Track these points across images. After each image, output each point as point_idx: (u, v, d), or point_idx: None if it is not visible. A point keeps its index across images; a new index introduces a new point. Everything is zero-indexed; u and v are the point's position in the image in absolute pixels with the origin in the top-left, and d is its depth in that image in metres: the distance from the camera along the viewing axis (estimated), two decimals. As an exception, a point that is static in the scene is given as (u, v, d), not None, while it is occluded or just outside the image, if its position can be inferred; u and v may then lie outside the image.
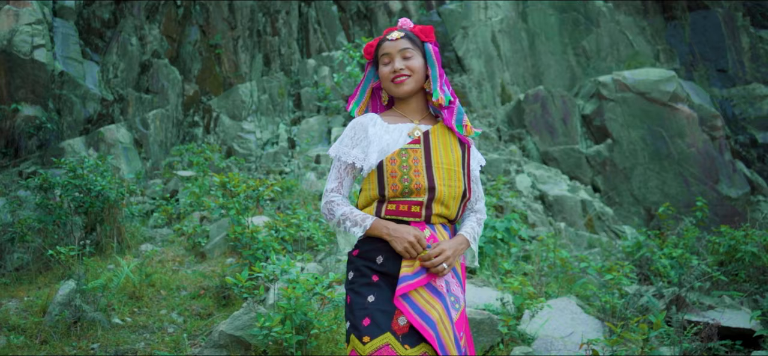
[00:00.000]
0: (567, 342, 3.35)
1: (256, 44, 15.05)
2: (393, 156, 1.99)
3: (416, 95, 2.14)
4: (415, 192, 1.97)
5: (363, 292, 1.94)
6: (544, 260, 5.16)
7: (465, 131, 2.10)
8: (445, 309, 1.91)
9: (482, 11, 15.03)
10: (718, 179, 10.50)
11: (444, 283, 1.99)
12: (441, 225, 2.04)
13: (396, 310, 1.90)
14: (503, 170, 10.66)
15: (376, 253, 1.98)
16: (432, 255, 1.91)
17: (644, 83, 11.24)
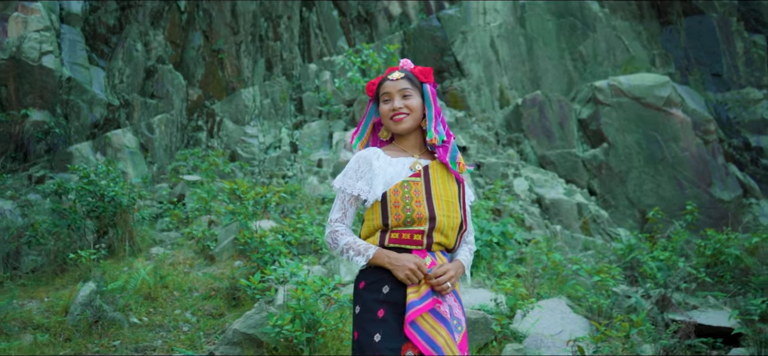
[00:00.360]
0: (556, 339, 3.62)
1: (258, 49, 15.32)
2: (396, 187, 2.15)
3: (415, 132, 2.31)
4: (416, 222, 2.13)
5: (369, 330, 2.04)
6: (538, 262, 5.42)
7: (458, 168, 2.29)
8: (449, 334, 2.04)
9: (481, 16, 15.29)
10: (712, 183, 10.77)
11: (448, 308, 2.12)
12: (441, 252, 2.21)
13: (402, 344, 2.01)
14: (501, 173, 10.93)
15: (382, 284, 2.10)
16: (438, 274, 2.08)
17: (639, 88, 11.52)
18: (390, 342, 2.00)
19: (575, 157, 11.78)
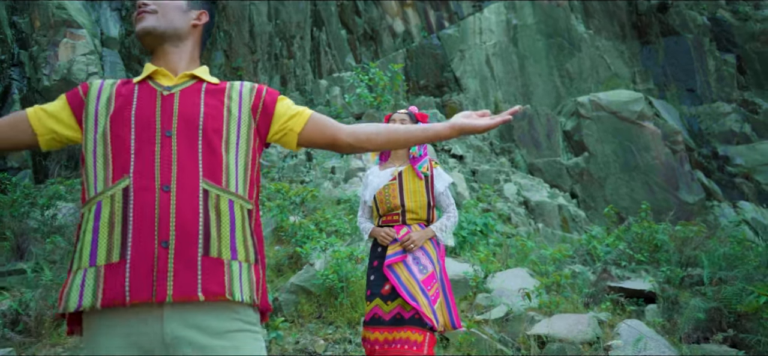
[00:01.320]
0: (514, 292, 5.23)
1: (273, 66, 17.02)
2: (380, 191, 3.48)
3: (404, 152, 3.59)
4: (394, 209, 3.44)
5: (369, 274, 3.46)
6: (514, 247, 7.06)
7: (423, 170, 3.69)
8: (411, 275, 3.30)
9: (477, 36, 16.96)
10: (678, 187, 12.38)
11: (415, 259, 3.37)
12: (417, 224, 3.45)
13: (384, 281, 3.34)
14: (493, 179, 12.56)
15: (376, 246, 3.48)
16: (404, 239, 3.54)
17: (616, 103, 13.17)
18: (378, 280, 3.42)
19: (560, 164, 13.40)
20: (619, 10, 16.15)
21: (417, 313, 3.03)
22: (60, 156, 11.94)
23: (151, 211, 1.47)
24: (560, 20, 15.96)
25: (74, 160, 12.11)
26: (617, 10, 16.14)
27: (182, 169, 1.53)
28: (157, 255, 1.44)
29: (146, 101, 1.61)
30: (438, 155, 13.80)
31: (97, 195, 1.52)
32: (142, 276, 1.43)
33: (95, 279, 1.46)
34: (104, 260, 1.47)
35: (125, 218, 1.47)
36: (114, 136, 1.55)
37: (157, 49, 1.69)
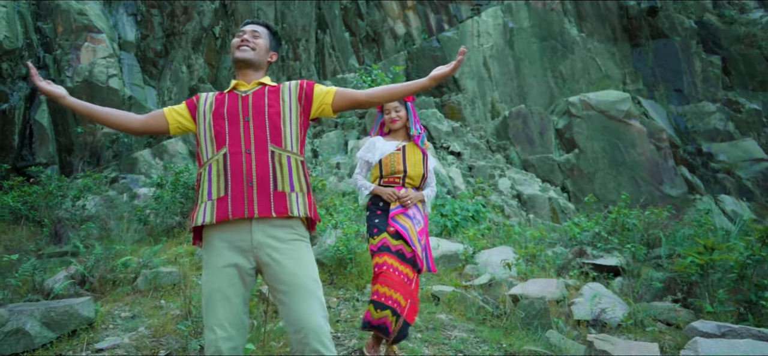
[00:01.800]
0: (497, 264, 6.16)
1: (280, 68, 17.96)
2: (387, 156, 4.31)
3: (402, 128, 4.64)
4: (396, 172, 4.27)
5: (372, 217, 4.26)
6: (502, 231, 7.99)
7: (424, 146, 4.64)
8: (411, 223, 4.42)
9: (475, 38, 17.88)
10: (662, 181, 13.30)
11: (412, 213, 4.28)
12: (411, 188, 4.34)
13: (387, 226, 4.23)
14: (489, 174, 13.49)
15: (379, 200, 4.27)
16: (402, 195, 4.43)
17: (604, 103, 14.09)
18: (383, 223, 4.29)
19: (552, 161, 14.32)
20: (611, 13, 17.06)
21: (414, 256, 3.93)
22: (83, 153, 12.89)
23: (240, 166, 2.42)
24: (554, 24, 16.88)
25: (96, 157, 13.07)
26: (609, 13, 17.05)
27: (257, 139, 2.48)
28: (246, 191, 2.39)
29: (233, 101, 2.57)
30: (437, 152, 14.72)
31: (208, 160, 2.47)
32: (238, 203, 2.38)
33: (211, 206, 2.41)
34: (216, 196, 2.42)
35: (226, 171, 2.43)
36: (215, 124, 2.51)
37: (244, 69, 2.66)
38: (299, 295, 2.39)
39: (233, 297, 2.40)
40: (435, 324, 4.61)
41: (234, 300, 2.41)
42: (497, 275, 5.78)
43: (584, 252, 7.43)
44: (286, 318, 2.41)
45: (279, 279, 2.41)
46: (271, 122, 2.53)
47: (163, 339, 4.18)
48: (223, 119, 2.52)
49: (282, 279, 2.40)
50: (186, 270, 5.84)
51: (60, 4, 13.85)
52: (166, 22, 15.75)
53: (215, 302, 2.39)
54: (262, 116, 2.53)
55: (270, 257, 2.41)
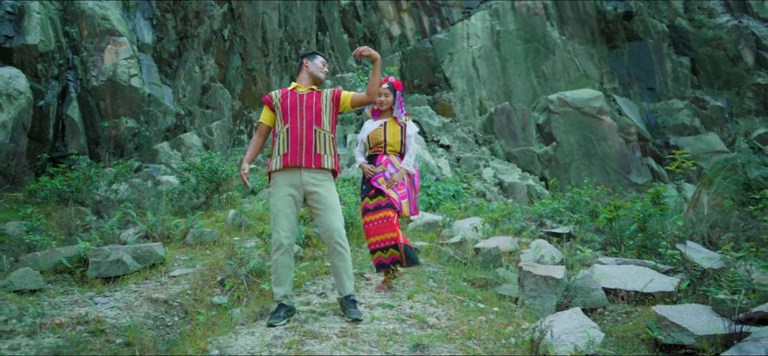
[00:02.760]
0: (468, 229, 7.86)
1: (283, 67, 19.65)
2: (372, 132, 5.99)
3: (389, 109, 6.29)
4: (379, 143, 5.88)
5: (362, 185, 6.03)
6: (476, 207, 9.70)
7: (403, 119, 6.27)
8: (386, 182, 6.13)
9: (465, 40, 19.59)
10: (630, 171, 15.03)
11: (388, 174, 5.89)
12: (393, 155, 5.95)
13: (370, 189, 5.71)
14: (474, 165, 15.20)
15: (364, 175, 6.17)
16: (391, 179, 6.11)
17: (579, 100, 15.82)
18: (367, 188, 5.83)
19: (533, 153, 16.05)
20: (590, 18, 18.78)
21: (390, 202, 5.60)
22: (108, 145, 14.56)
23: (296, 136, 4.14)
24: (537, 27, 18.60)
25: (120, 148, 14.75)
26: (588, 18, 18.77)
27: (307, 121, 4.19)
28: (299, 150, 4.11)
29: (293, 97, 4.28)
30: (429, 145, 16.44)
31: (279, 131, 4.18)
32: (294, 157, 4.10)
33: (279, 159, 4.13)
34: (282, 152, 4.13)
35: (288, 138, 4.14)
36: (283, 110, 4.22)
37: (312, 83, 4.37)
38: (329, 210, 4.12)
39: (290, 213, 4.12)
40: (414, 264, 6.34)
41: (290, 215, 4.13)
42: (466, 236, 7.51)
43: (544, 223, 9.17)
44: (320, 224, 4.14)
45: (317, 201, 4.13)
46: (316, 111, 4.25)
47: (216, 270, 5.89)
48: (287, 107, 4.23)
49: (319, 201, 4.13)
50: (222, 231, 7.56)
51: (85, 9, 15.51)
52: (179, 25, 17.42)
53: (279, 216, 4.10)
54: (311, 108, 4.25)
55: (313, 188, 4.13)
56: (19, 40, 13.75)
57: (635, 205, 6.97)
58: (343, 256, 4.18)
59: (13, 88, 12.68)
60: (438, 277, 5.89)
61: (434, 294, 5.00)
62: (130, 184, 12.64)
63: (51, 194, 10.66)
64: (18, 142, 12.54)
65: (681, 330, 3.57)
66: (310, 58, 4.51)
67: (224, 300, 5.15)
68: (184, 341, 3.64)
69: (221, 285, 5.58)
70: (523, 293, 5.22)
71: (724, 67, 17.69)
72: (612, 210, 6.59)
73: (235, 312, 4.59)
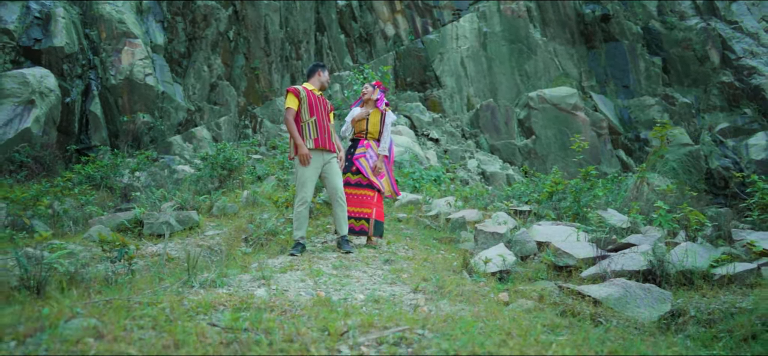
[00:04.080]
0: (444, 205, 9.63)
1: (285, 66, 21.40)
2: (355, 119, 7.87)
3: (371, 101, 8.07)
4: (361, 130, 7.65)
5: (346, 161, 7.82)
6: (453, 188, 11.48)
7: (383, 108, 8.04)
8: (368, 163, 7.80)
9: (454, 41, 21.34)
10: (601, 161, 16.81)
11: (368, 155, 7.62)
12: (372, 141, 7.81)
13: (352, 165, 7.52)
14: (460, 156, 16.97)
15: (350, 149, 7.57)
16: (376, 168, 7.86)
17: (556, 97, 17.59)
18: (349, 164, 7.54)
19: (514, 146, 17.82)
20: (570, 20, 20.56)
21: (370, 183, 7.33)
22: (127, 138, 16.29)
23: (322, 125, 5.95)
24: (521, 29, 20.37)
25: (137, 140, 16.49)
26: (568, 20, 20.54)
27: (326, 116, 6.01)
28: (324, 137, 5.92)
29: (314, 96, 6.07)
30: (419, 139, 18.21)
31: (306, 120, 5.97)
32: (323, 141, 5.90)
33: (312, 140, 5.92)
34: (313, 137, 5.92)
35: (316, 127, 5.94)
36: (309, 104, 6.01)
37: (318, 84, 6.17)
38: (335, 176, 5.93)
39: (315, 179, 5.91)
40: (397, 228, 8.13)
41: (315, 180, 5.91)
42: (441, 210, 9.30)
43: (512, 202, 10.95)
44: (329, 185, 5.94)
45: (328, 171, 5.93)
46: (326, 111, 6.04)
47: (241, 232, 7.67)
48: (312, 102, 6.00)
49: (329, 171, 5.92)
50: (240, 206, 9.34)
51: (103, 13, 17.24)
52: (188, 27, 19.14)
53: (307, 182, 5.86)
54: (326, 108, 6.04)
55: (328, 163, 5.92)
56: (46, 43, 15.49)
57: (571, 182, 8.75)
58: (342, 206, 5.98)
59: (45, 86, 14.43)
60: (413, 236, 7.68)
61: (408, 244, 6.78)
62: (150, 172, 14.39)
63: (84, 180, 12.42)
64: (49, 134, 14.28)
65: (568, 256, 5.36)
66: (323, 70, 6.27)
67: (250, 250, 6.93)
68: (230, 263, 5.41)
69: (245, 241, 7.35)
70: (476, 245, 7.01)
71: (693, 67, 19.47)
72: (552, 186, 8.37)
73: (262, 255, 6.37)
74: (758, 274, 4.56)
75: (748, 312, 3.40)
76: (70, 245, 5.76)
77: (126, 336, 1.83)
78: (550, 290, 4.19)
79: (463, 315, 2.84)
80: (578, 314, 3.59)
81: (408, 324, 2.24)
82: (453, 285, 3.98)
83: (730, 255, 4.91)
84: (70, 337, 1.76)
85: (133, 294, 2.80)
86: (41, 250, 4.33)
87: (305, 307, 2.55)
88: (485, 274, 4.91)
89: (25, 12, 15.74)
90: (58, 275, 3.92)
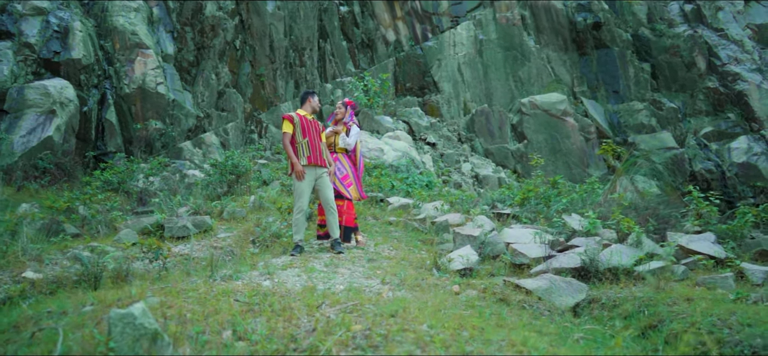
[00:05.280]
0: (432, 208, 10.74)
1: (289, 73, 22.55)
2: (328, 134, 8.86)
3: (342, 119, 9.20)
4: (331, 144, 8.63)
5: None
6: (443, 193, 12.61)
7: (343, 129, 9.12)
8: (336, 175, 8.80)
9: (452, 48, 22.44)
10: (588, 165, 17.89)
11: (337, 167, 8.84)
12: (341, 154, 8.78)
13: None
14: (455, 160, 18.09)
15: None
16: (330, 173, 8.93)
17: (547, 103, 18.67)
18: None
19: (507, 149, 18.92)
20: (563, 28, 21.62)
21: (340, 193, 8.42)
22: (140, 144, 17.48)
23: (314, 145, 7.10)
24: (515, 36, 21.46)
25: (149, 146, 17.68)
26: (561, 28, 21.61)
27: (316, 136, 7.16)
28: (316, 155, 7.07)
29: (306, 120, 7.24)
30: (416, 143, 19.32)
31: (300, 141, 7.13)
32: (315, 158, 7.06)
33: (306, 158, 7.07)
34: (306, 154, 7.09)
35: (309, 146, 7.10)
36: (302, 128, 7.17)
37: (309, 109, 7.33)
38: (327, 188, 7.06)
39: (309, 192, 7.05)
40: (386, 230, 9.27)
41: (309, 193, 7.05)
42: (429, 213, 10.43)
43: (495, 205, 12.07)
44: (321, 197, 7.10)
45: (320, 184, 7.06)
46: (318, 132, 7.18)
47: (248, 234, 8.83)
48: (304, 126, 7.14)
49: (321, 183, 7.06)
50: (247, 211, 10.50)
51: (116, 25, 18.42)
52: (197, 37, 20.31)
53: (303, 194, 7.00)
54: (316, 130, 7.18)
55: (319, 177, 7.05)
56: (65, 55, 16.70)
57: (539, 189, 9.87)
58: (333, 214, 7.12)
59: (65, 96, 15.64)
60: (400, 238, 8.82)
61: (393, 245, 7.92)
62: (162, 177, 15.56)
63: (103, 185, 13.61)
64: (69, 142, 15.49)
65: (523, 255, 6.48)
66: (313, 97, 7.42)
67: (257, 250, 8.08)
68: (241, 262, 6.57)
69: (253, 243, 8.51)
70: (454, 246, 8.14)
71: (680, 73, 20.50)
72: (524, 192, 9.50)
73: (267, 255, 7.53)
74: (672, 271, 5.67)
75: (638, 299, 4.52)
76: (106, 247, 6.92)
77: (181, 306, 2.94)
78: (496, 283, 5.32)
79: (412, 298, 3.97)
80: (511, 301, 4.72)
81: (363, 302, 3.35)
82: (413, 278, 5.11)
83: (650, 255, 6.03)
84: (153, 305, 2.88)
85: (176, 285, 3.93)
86: (91, 252, 5.50)
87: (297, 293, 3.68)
88: (450, 271, 6.05)
89: (45, 26, 16.95)
90: (107, 271, 5.07)
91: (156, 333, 2.34)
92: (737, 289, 4.63)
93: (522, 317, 4.19)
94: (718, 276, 5.14)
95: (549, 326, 4.04)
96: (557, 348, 2.91)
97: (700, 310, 3.71)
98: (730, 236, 8.32)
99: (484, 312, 4.08)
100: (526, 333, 3.15)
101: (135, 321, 2.32)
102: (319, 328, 2.80)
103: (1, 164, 13.99)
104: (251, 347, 2.56)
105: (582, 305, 4.91)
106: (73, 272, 5.07)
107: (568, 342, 3.29)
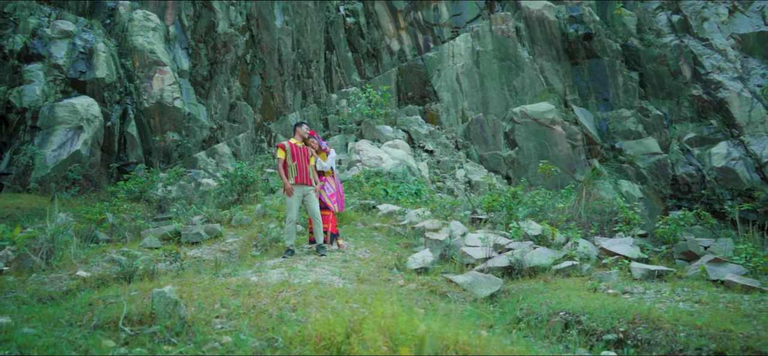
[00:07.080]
0: (415, 215, 12.35)
1: (297, 85, 24.30)
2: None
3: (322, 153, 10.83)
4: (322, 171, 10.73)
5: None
6: (429, 200, 14.24)
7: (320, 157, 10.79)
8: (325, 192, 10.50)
9: (450, 58, 24.03)
10: (575, 170, 19.38)
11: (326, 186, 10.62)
12: (328, 176, 10.51)
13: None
14: (450, 167, 19.69)
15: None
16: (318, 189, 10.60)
17: (537, 112, 20.18)
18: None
19: (500, 156, 20.48)
20: (556, 39, 23.11)
21: (327, 206, 10.09)
22: (158, 155, 19.31)
23: (301, 167, 8.82)
24: (510, 48, 22.99)
25: (167, 157, 19.51)
26: (554, 39, 23.09)
27: (304, 160, 8.88)
28: (303, 176, 8.79)
29: (296, 148, 8.97)
30: (415, 150, 20.93)
31: (290, 164, 8.85)
32: (302, 178, 8.77)
33: (294, 178, 8.79)
34: (294, 175, 8.80)
35: (297, 169, 8.82)
36: (292, 154, 8.89)
37: (299, 138, 9.06)
38: (313, 202, 8.75)
39: (298, 205, 8.74)
40: (370, 235, 10.94)
41: (298, 207, 8.75)
42: (412, 219, 12.07)
43: (476, 211, 13.69)
44: (308, 210, 8.77)
45: (307, 199, 8.74)
46: (306, 157, 8.87)
47: (252, 239, 10.54)
48: (294, 152, 8.85)
49: (308, 199, 8.73)
50: (253, 218, 12.23)
51: (136, 44, 20.29)
52: (210, 53, 22.13)
53: (293, 207, 8.69)
54: (305, 155, 8.88)
55: (306, 193, 8.74)
56: (90, 75, 18.59)
57: (501, 199, 11.46)
58: (318, 224, 8.80)
59: (91, 113, 17.52)
60: (382, 242, 10.48)
61: (372, 248, 9.59)
62: (179, 185, 17.36)
63: (127, 194, 15.44)
64: (95, 155, 17.37)
65: (469, 257, 8.11)
66: (301, 126, 9.12)
67: (258, 253, 9.79)
68: (242, 263, 8.26)
69: (255, 247, 10.22)
70: (425, 249, 9.77)
71: (667, 81, 21.90)
72: (489, 201, 11.10)
73: (264, 258, 9.23)
74: (579, 269, 7.26)
75: (527, 290, 6.13)
76: (135, 251, 8.67)
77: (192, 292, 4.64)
78: (436, 278, 6.95)
79: (357, 288, 5.63)
80: (440, 292, 6.35)
81: (316, 289, 5.02)
82: (369, 274, 6.77)
83: (569, 256, 7.63)
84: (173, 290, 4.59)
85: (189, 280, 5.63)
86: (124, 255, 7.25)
87: (272, 284, 5.35)
88: (407, 270, 7.69)
89: (72, 48, 18.85)
90: (138, 271, 6.80)
91: (177, 301, 4.04)
92: (594, 282, 6.22)
93: (443, 302, 5.81)
94: (606, 272, 6.73)
95: (452, 308, 5.65)
96: (442, 325, 4.53)
97: (557, 298, 5.32)
98: (662, 240, 9.84)
99: (413, 297, 5.72)
100: (418, 310, 4.79)
101: (166, 295, 4.02)
102: (270, 301, 4.47)
103: (36, 176, 15.89)
104: (229, 311, 4.25)
105: (497, 295, 6.53)
106: (112, 271, 6.80)
107: (451, 318, 4.90)
